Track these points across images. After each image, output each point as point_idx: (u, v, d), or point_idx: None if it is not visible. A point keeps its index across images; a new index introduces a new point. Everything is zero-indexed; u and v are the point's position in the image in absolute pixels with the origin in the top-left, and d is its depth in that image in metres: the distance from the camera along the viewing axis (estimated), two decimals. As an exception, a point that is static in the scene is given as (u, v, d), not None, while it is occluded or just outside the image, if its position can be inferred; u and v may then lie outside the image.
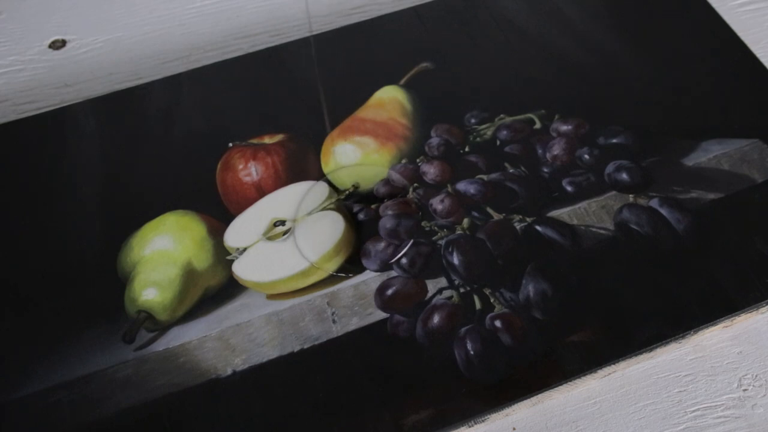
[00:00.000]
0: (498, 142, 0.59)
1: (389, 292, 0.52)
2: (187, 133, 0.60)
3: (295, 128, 0.59)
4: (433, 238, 0.54)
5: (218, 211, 0.56)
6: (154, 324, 0.51)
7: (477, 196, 0.56)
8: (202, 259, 0.54)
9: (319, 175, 0.57)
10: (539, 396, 0.48)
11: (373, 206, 0.56)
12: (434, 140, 0.59)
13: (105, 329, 0.51)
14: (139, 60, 0.66)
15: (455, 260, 0.52)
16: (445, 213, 0.55)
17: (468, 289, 0.52)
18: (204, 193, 0.57)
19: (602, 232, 0.54)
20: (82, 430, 0.47)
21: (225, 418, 0.47)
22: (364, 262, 0.53)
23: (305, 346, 0.50)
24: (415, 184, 0.56)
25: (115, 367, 0.49)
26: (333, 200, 0.56)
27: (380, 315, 0.51)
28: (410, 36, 0.65)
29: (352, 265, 0.53)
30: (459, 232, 0.54)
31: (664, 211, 0.55)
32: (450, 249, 0.53)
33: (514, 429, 0.48)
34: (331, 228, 0.54)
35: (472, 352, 0.49)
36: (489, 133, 0.59)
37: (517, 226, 0.54)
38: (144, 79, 0.64)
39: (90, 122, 0.60)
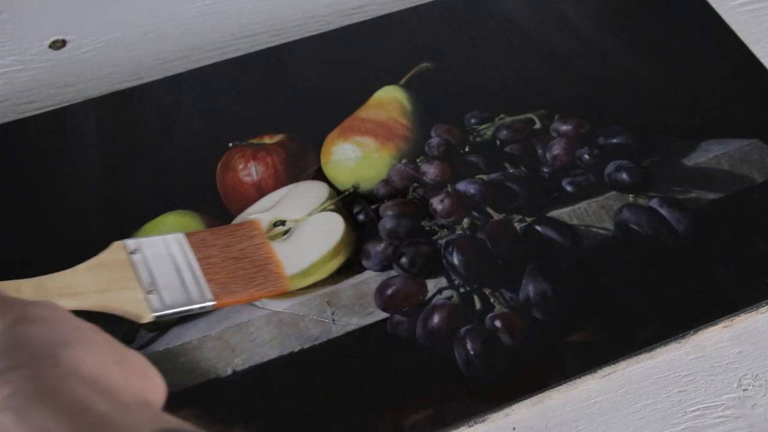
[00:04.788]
0: (498, 142, 0.59)
1: (389, 291, 0.52)
2: (187, 133, 0.60)
3: (295, 128, 0.59)
4: (433, 238, 0.54)
5: (218, 211, 0.56)
6: (154, 324, 0.51)
7: (477, 196, 0.56)
8: (202, 259, 0.54)
9: (318, 173, 0.57)
10: (539, 396, 0.48)
11: (373, 206, 0.56)
12: (434, 140, 0.59)
13: (105, 329, 0.51)
14: (139, 60, 0.66)
15: (455, 260, 0.52)
16: (445, 213, 0.55)
17: (468, 289, 0.52)
18: (204, 193, 0.57)
19: (602, 232, 0.54)
20: (82, 430, 0.47)
21: (225, 418, 0.47)
22: (365, 262, 0.53)
23: (305, 346, 0.50)
24: (415, 184, 0.56)
25: (115, 367, 0.49)
26: (333, 201, 0.56)
27: (380, 315, 0.51)
28: (410, 36, 0.65)
29: (351, 266, 0.53)
30: (459, 232, 0.54)
31: (664, 211, 0.55)
32: (450, 249, 0.53)
33: (514, 429, 0.48)
34: (330, 229, 0.54)
35: (472, 352, 0.49)
36: (489, 133, 0.59)
37: (517, 226, 0.54)
38: (144, 79, 0.63)
39: (90, 122, 0.60)
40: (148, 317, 0.47)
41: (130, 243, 0.49)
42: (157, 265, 0.48)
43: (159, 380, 0.37)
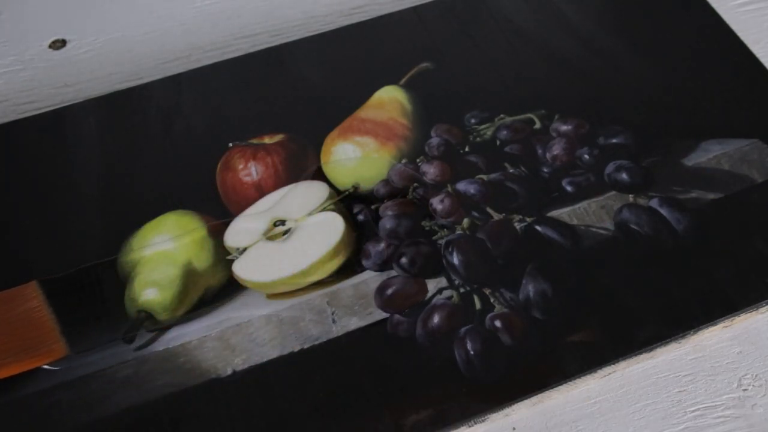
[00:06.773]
0: (498, 142, 0.59)
1: (389, 291, 0.52)
2: (187, 133, 0.60)
3: (295, 128, 0.59)
4: (433, 238, 0.54)
5: (218, 211, 0.56)
6: (154, 324, 0.51)
7: (477, 196, 0.56)
8: (202, 259, 0.54)
9: (318, 173, 0.57)
10: (539, 396, 0.48)
11: (373, 206, 0.56)
12: (434, 140, 0.59)
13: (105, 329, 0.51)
14: (139, 60, 0.66)
15: (455, 260, 0.52)
16: (445, 213, 0.55)
17: (468, 289, 0.52)
18: (204, 193, 0.57)
19: (602, 232, 0.54)
20: (82, 430, 0.47)
21: (225, 418, 0.47)
22: (364, 262, 0.53)
23: (305, 346, 0.50)
24: (415, 184, 0.57)
25: (115, 367, 0.49)
26: (333, 201, 0.56)
27: (380, 315, 0.51)
28: (410, 36, 0.65)
29: (351, 266, 0.53)
30: (459, 232, 0.54)
31: (664, 211, 0.55)
32: (450, 249, 0.53)
33: (514, 429, 0.48)
34: (330, 229, 0.54)
35: (472, 352, 0.49)
36: (489, 133, 0.59)
37: (517, 226, 0.54)
38: (144, 79, 0.64)
39: (90, 122, 0.60)
40: None
41: None
42: None
43: None
